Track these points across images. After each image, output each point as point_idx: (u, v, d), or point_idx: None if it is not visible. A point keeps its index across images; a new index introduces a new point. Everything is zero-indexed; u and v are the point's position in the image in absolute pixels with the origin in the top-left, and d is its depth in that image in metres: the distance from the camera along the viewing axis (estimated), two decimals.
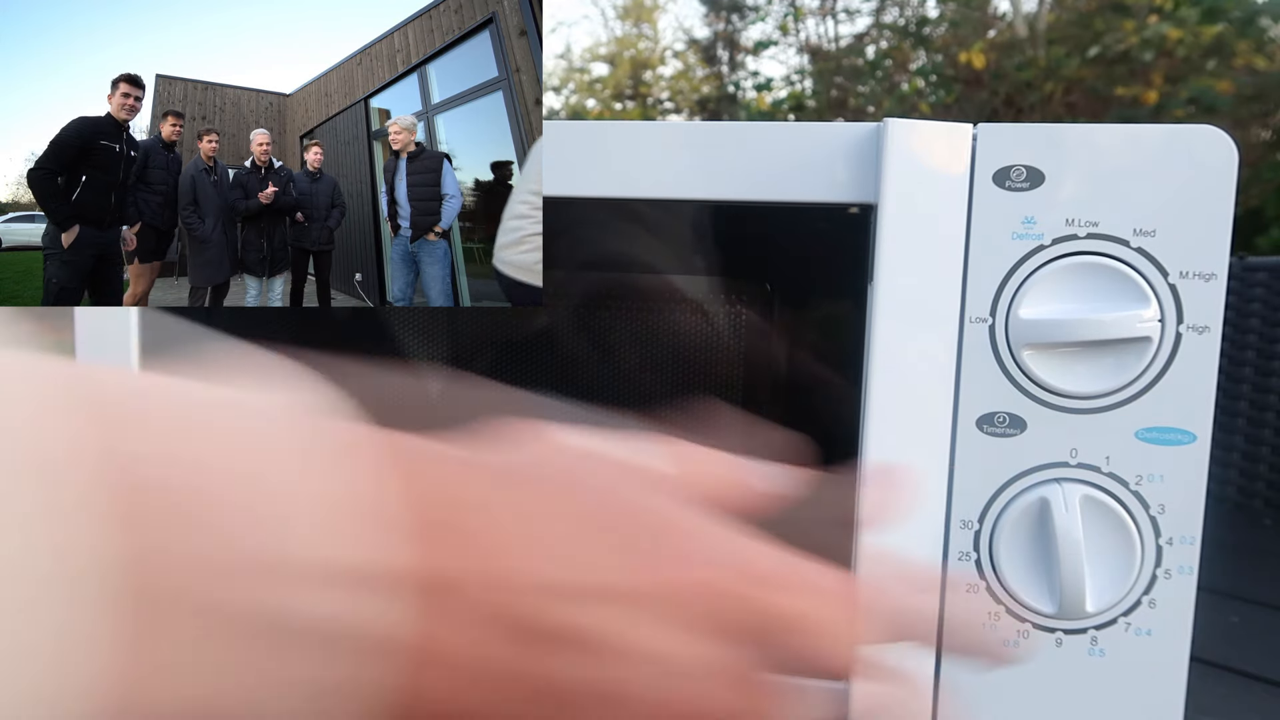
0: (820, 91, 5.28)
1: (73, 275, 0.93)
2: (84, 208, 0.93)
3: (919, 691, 0.37)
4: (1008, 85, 4.20)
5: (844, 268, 0.38)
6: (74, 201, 0.92)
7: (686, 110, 6.29)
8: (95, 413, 0.18)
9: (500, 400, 0.42)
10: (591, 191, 0.40)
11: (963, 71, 4.38)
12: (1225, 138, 0.35)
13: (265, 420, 0.20)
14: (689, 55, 6.49)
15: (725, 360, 0.40)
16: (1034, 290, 0.36)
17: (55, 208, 0.92)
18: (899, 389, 0.36)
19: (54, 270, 0.93)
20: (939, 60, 4.77)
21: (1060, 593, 0.36)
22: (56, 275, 0.93)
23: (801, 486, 0.28)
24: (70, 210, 0.92)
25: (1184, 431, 0.36)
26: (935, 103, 4.59)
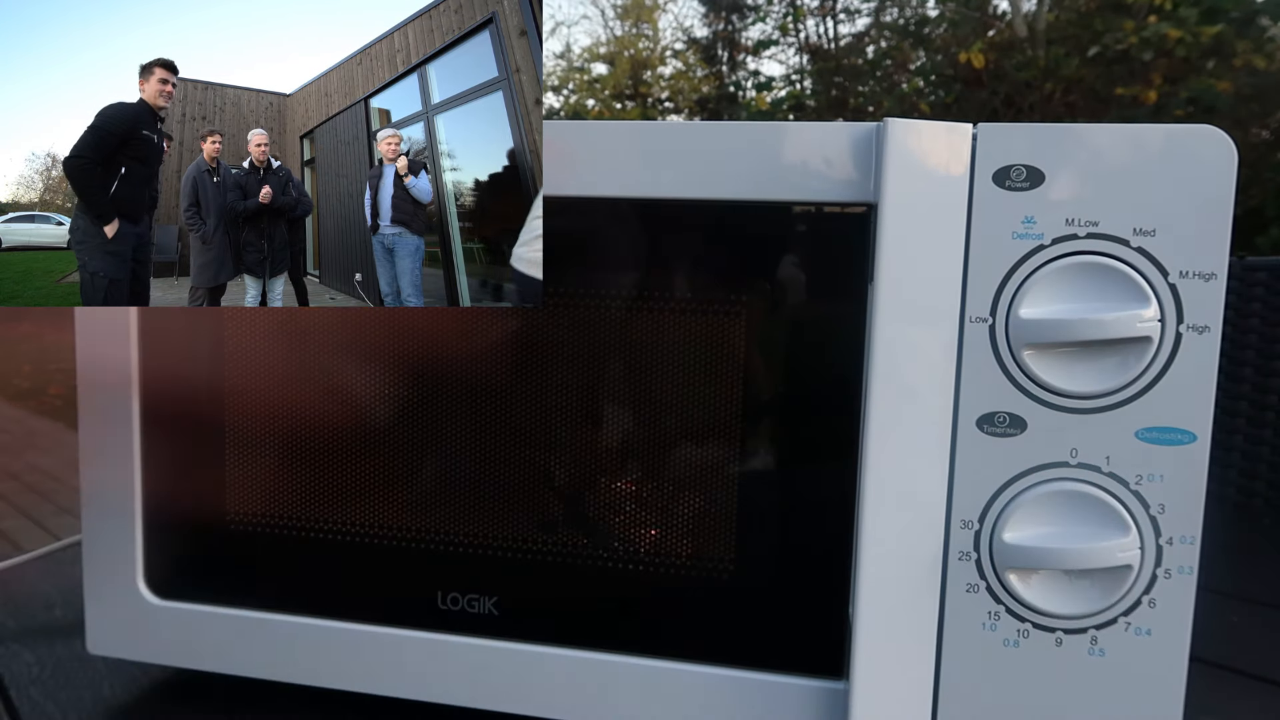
0: (820, 91, 5.27)
1: (119, 267, 0.88)
2: (121, 202, 0.87)
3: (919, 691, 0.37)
4: (1008, 85, 4.20)
5: (844, 268, 0.38)
6: (112, 195, 0.87)
7: (686, 110, 6.29)
8: None
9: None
10: (591, 191, 0.40)
11: (963, 71, 4.38)
12: (1225, 138, 0.35)
13: None
14: (689, 55, 6.49)
15: (725, 360, 0.40)
16: (1034, 290, 0.36)
17: (98, 199, 0.86)
18: (899, 389, 0.36)
19: (98, 263, 0.87)
20: (939, 60, 4.77)
21: (1060, 593, 0.37)
22: (102, 268, 0.87)
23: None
24: (111, 203, 0.87)
25: (1184, 431, 0.36)
26: (935, 103, 4.59)
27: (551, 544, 0.42)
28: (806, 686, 0.40)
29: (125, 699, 0.47)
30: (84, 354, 0.46)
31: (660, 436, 0.41)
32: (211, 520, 0.46)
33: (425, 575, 0.43)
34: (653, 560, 0.41)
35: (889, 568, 0.37)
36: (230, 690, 0.47)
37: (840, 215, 0.38)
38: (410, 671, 0.44)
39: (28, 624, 0.56)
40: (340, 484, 0.44)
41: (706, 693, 0.41)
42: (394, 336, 0.43)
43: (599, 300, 0.40)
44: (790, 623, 0.40)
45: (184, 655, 0.46)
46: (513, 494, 0.43)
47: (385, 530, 0.44)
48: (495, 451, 0.43)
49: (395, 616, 0.44)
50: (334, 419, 0.44)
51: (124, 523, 0.46)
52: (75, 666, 0.50)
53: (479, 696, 0.43)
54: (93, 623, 0.47)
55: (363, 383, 0.44)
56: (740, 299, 0.39)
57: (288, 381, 0.44)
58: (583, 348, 0.41)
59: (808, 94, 5.33)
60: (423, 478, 0.43)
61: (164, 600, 0.46)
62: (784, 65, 7.15)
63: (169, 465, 0.46)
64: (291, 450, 0.45)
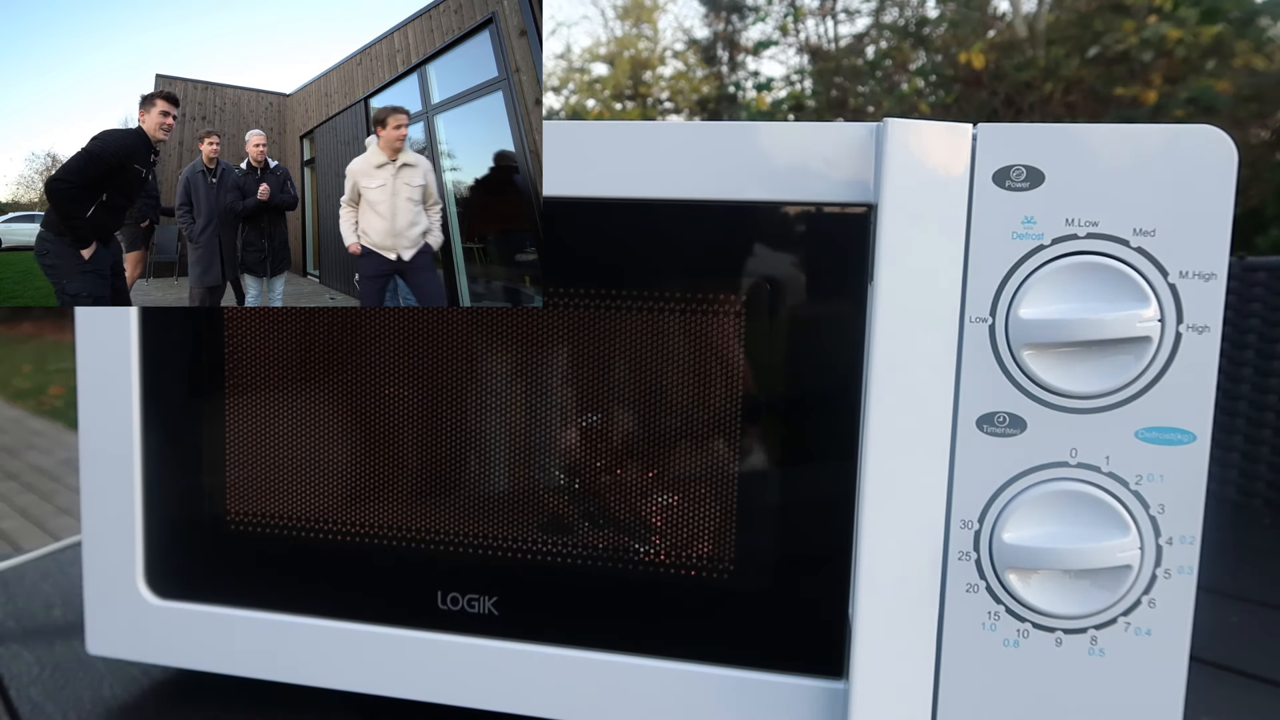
0: (820, 91, 5.27)
1: (101, 284, 0.86)
2: (97, 228, 0.85)
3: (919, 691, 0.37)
4: (1008, 85, 4.20)
5: (844, 268, 0.38)
6: (88, 219, 0.85)
7: (686, 110, 6.29)
8: None
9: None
10: (591, 191, 0.40)
11: (963, 71, 4.38)
12: (1225, 138, 0.35)
13: None
14: (689, 55, 6.50)
15: (725, 360, 0.40)
16: (1034, 290, 0.36)
17: (77, 225, 0.84)
18: (899, 389, 0.37)
19: (80, 285, 0.85)
20: (939, 60, 4.77)
21: (1060, 593, 0.37)
22: (86, 289, 0.85)
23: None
24: (89, 225, 0.85)
25: (1184, 431, 0.36)
26: (935, 103, 4.59)
27: (551, 544, 0.42)
28: (806, 686, 0.40)
29: (125, 699, 0.47)
30: (84, 354, 0.46)
31: (660, 436, 0.41)
32: (211, 520, 0.46)
33: (425, 575, 0.43)
34: (652, 560, 0.41)
35: (889, 568, 0.37)
36: (230, 690, 0.47)
37: (840, 215, 0.38)
38: (410, 671, 0.44)
39: (28, 624, 0.56)
40: (340, 484, 0.44)
41: (706, 693, 0.41)
42: (394, 336, 0.43)
43: (599, 300, 0.40)
44: (790, 622, 0.40)
45: (184, 655, 0.46)
46: (513, 494, 0.43)
47: (385, 530, 0.44)
48: (495, 451, 0.43)
49: (395, 616, 0.44)
50: (334, 419, 0.44)
51: (124, 523, 0.46)
52: (75, 666, 0.50)
53: (479, 696, 0.43)
54: (92, 623, 0.47)
55: (362, 383, 0.44)
56: (740, 299, 0.39)
57: (288, 381, 0.44)
58: (583, 348, 0.41)
59: (808, 94, 5.33)
60: (423, 478, 0.44)
61: (164, 600, 0.46)
62: (784, 65, 7.16)
63: (169, 465, 0.46)
64: (291, 450, 0.45)
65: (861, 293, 0.38)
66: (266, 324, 0.44)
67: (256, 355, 0.45)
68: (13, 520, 2.85)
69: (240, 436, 0.45)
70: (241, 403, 0.45)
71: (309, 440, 0.44)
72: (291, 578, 0.45)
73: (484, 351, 0.42)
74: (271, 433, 0.45)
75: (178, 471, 0.46)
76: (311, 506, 0.45)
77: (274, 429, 0.45)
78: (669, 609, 0.41)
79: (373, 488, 0.44)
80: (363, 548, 0.44)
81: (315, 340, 0.44)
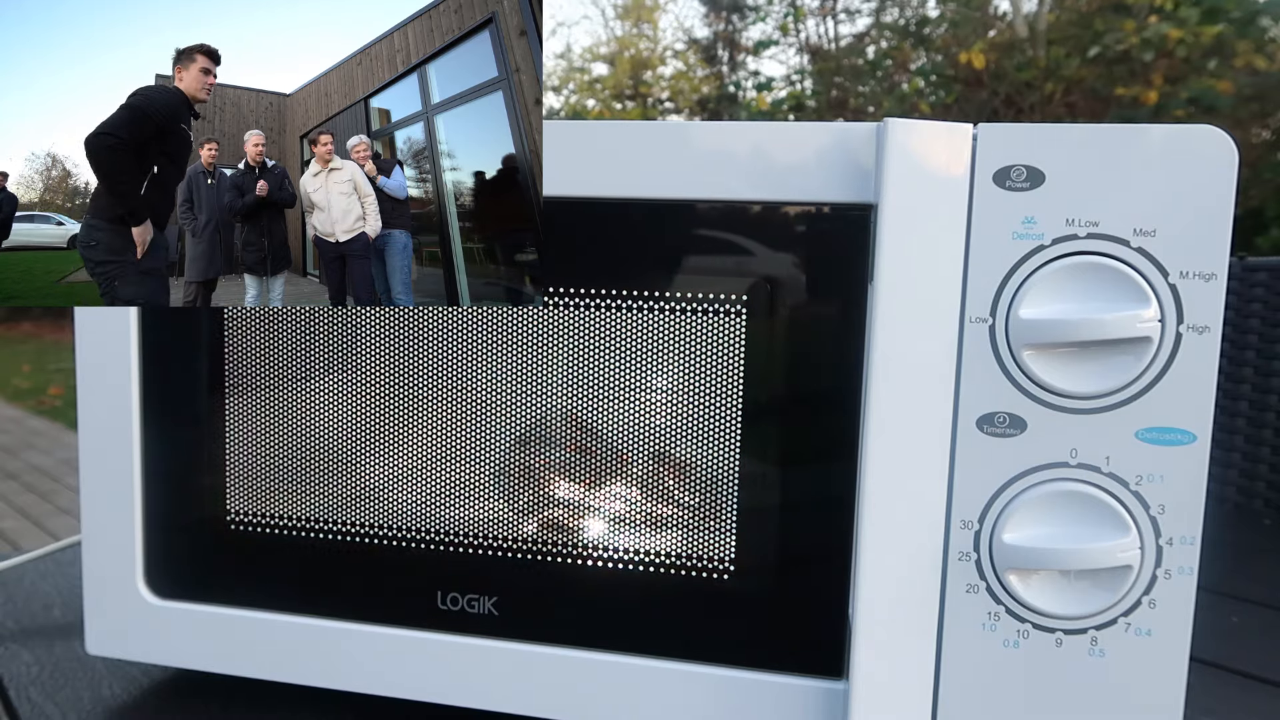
0: (820, 91, 5.27)
1: (160, 289, 0.71)
2: (152, 208, 0.71)
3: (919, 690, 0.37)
4: (1008, 85, 4.20)
5: (844, 268, 0.38)
6: (142, 197, 0.70)
7: (686, 110, 6.29)
8: None
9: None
10: (591, 191, 0.40)
11: (963, 71, 4.38)
12: (1225, 138, 0.35)
13: None
14: (689, 55, 6.49)
15: (725, 360, 0.40)
16: (1034, 290, 0.36)
17: (127, 193, 0.67)
18: (899, 389, 0.36)
19: (131, 289, 0.69)
20: (939, 60, 4.77)
21: (1060, 593, 0.36)
22: (138, 294, 0.69)
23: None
24: (144, 201, 0.69)
25: (1184, 431, 0.36)
26: (935, 103, 4.59)
27: (551, 544, 0.42)
28: (806, 686, 0.40)
29: (125, 699, 0.47)
30: (84, 354, 0.46)
31: (661, 436, 0.41)
32: (211, 520, 0.46)
33: (425, 575, 0.43)
34: (653, 560, 0.41)
35: (889, 568, 0.37)
36: (230, 690, 0.47)
37: (840, 215, 0.38)
38: (410, 671, 0.44)
39: (27, 624, 0.56)
40: (340, 484, 0.44)
41: (706, 693, 0.41)
42: (394, 337, 0.43)
43: (599, 300, 0.40)
44: (790, 623, 0.40)
45: (184, 655, 0.46)
46: (513, 494, 0.43)
47: (385, 530, 0.44)
48: (495, 451, 0.43)
49: (395, 616, 0.44)
50: (334, 419, 0.44)
51: (124, 523, 0.46)
52: (75, 666, 0.50)
53: (479, 696, 0.43)
54: (92, 623, 0.47)
55: (362, 383, 0.44)
56: (740, 299, 0.39)
57: (288, 381, 0.44)
58: (583, 348, 0.41)
59: (808, 94, 5.33)
60: (422, 478, 0.44)
61: (164, 600, 0.46)
62: (784, 65, 7.16)
63: (169, 465, 0.46)
64: (291, 450, 0.45)
65: (861, 293, 0.38)
66: (266, 324, 0.44)
67: (256, 355, 0.45)
68: (12, 520, 2.85)
69: (240, 436, 0.45)
70: (241, 403, 0.45)
71: (309, 440, 0.44)
72: (291, 578, 0.45)
73: (484, 351, 0.42)
74: (271, 433, 0.45)
75: (177, 471, 0.46)
76: (311, 506, 0.45)
77: (274, 429, 0.45)
78: (669, 609, 0.41)
79: (373, 488, 0.44)
80: (362, 548, 0.44)
81: (315, 340, 0.44)
